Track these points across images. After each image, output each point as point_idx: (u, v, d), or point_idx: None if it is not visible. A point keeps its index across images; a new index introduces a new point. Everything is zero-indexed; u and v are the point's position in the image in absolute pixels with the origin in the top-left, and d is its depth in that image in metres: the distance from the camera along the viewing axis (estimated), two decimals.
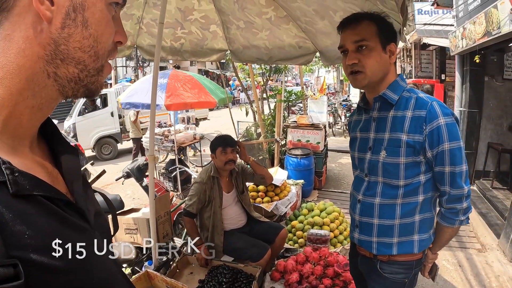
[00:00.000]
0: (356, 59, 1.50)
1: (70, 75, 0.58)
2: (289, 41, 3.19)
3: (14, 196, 0.48)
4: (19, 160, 0.54)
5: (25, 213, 0.49)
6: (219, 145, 2.99)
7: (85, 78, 0.60)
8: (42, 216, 0.51)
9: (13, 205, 0.48)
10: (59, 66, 0.57)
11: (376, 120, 1.63)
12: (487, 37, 5.00)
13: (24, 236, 0.47)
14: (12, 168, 0.50)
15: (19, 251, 0.46)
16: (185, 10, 3.02)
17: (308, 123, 6.56)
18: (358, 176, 1.76)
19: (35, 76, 0.55)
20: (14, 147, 0.56)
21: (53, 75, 0.57)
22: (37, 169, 0.58)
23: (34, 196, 0.51)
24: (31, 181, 0.52)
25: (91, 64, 0.60)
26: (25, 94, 0.55)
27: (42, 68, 0.56)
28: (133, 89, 5.98)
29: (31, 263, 0.46)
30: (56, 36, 0.55)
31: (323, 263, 2.91)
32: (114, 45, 0.64)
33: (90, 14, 0.58)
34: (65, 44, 0.56)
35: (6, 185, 0.48)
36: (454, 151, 1.45)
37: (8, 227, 0.46)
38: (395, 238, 1.60)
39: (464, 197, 1.51)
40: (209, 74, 28.56)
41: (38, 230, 0.49)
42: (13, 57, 0.53)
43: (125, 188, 6.34)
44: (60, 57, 0.56)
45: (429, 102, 1.48)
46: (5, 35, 0.53)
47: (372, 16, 1.54)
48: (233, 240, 2.99)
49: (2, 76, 0.53)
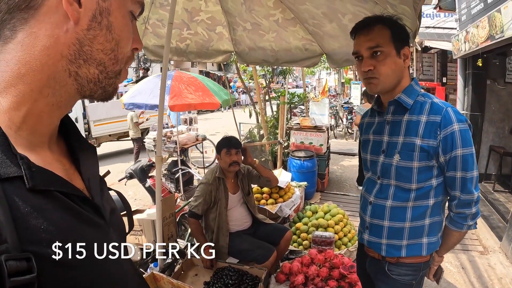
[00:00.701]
0: (372, 65, 1.51)
1: (90, 75, 0.60)
2: (296, 43, 3.19)
3: (30, 190, 0.49)
4: (36, 156, 0.56)
5: (41, 208, 0.50)
6: (223, 146, 2.99)
7: (104, 80, 0.62)
8: (58, 211, 0.52)
9: (29, 199, 0.49)
10: (81, 66, 0.58)
11: (390, 123, 1.63)
12: (490, 41, 5.01)
13: (39, 230, 0.48)
14: (29, 163, 0.51)
15: (33, 245, 0.46)
16: (191, 11, 3.02)
17: (311, 125, 6.56)
18: (370, 178, 1.76)
19: (57, 74, 0.57)
20: (32, 143, 0.57)
21: (74, 74, 0.58)
22: (55, 165, 0.60)
23: (51, 191, 0.53)
24: (48, 177, 0.53)
25: (111, 67, 0.62)
26: (45, 91, 0.56)
27: (65, 67, 0.57)
28: (136, 89, 5.98)
29: (44, 257, 0.47)
30: (82, 37, 0.57)
31: (329, 265, 2.91)
32: (131, 52, 0.67)
33: (114, 19, 0.60)
34: (89, 45, 0.58)
35: (23, 179, 0.49)
36: (467, 157, 1.46)
37: (24, 221, 0.46)
38: (404, 241, 1.61)
39: (474, 203, 1.52)
40: (210, 75, 28.57)
41: (53, 225, 0.50)
42: (37, 55, 0.54)
43: (127, 189, 6.33)
44: (84, 57, 0.58)
45: (444, 108, 1.49)
46: (31, 32, 0.54)
47: (385, 20, 1.54)
48: (239, 241, 2.99)
49: (24, 73, 0.54)
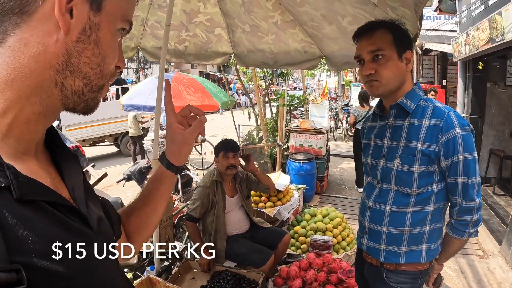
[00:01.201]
0: (373, 69, 1.50)
1: (75, 87, 0.60)
2: (295, 45, 3.17)
3: (18, 201, 0.49)
4: (23, 165, 0.55)
5: (28, 219, 0.49)
6: (221, 149, 2.97)
7: (87, 93, 0.62)
8: (45, 222, 0.52)
9: (16, 210, 0.48)
10: (67, 77, 0.58)
11: (392, 127, 1.62)
12: (491, 44, 5.01)
13: (27, 241, 0.48)
14: (16, 173, 0.50)
15: (22, 256, 0.46)
16: (190, 13, 3.01)
17: (310, 127, 6.54)
18: (369, 183, 1.75)
19: (44, 83, 0.57)
20: (19, 151, 0.57)
21: (60, 85, 0.58)
22: (41, 175, 0.60)
23: (38, 202, 0.52)
24: (35, 187, 0.53)
25: (95, 81, 0.62)
26: (32, 99, 0.56)
27: (52, 77, 0.57)
28: (135, 91, 5.98)
29: (34, 268, 0.47)
30: (70, 48, 0.57)
31: (327, 270, 2.89)
32: (115, 69, 0.68)
33: (103, 35, 0.61)
34: (77, 57, 0.58)
35: (10, 190, 0.49)
36: (469, 162, 1.44)
37: (12, 232, 0.46)
38: (403, 248, 1.58)
39: (475, 209, 1.49)
40: (210, 76, 28.61)
41: (41, 236, 0.50)
42: (27, 61, 0.54)
43: (126, 191, 6.32)
44: (70, 69, 0.58)
45: (446, 112, 1.47)
46: (22, 37, 0.53)
47: (387, 24, 1.53)
48: (236, 245, 2.96)
49: (12, 79, 0.53)
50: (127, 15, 0.66)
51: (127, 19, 0.66)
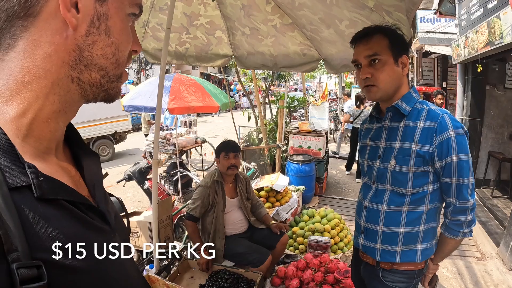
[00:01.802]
0: (369, 73, 1.54)
1: (92, 80, 0.60)
2: (294, 48, 3.21)
3: (38, 199, 0.50)
4: (44, 164, 0.56)
5: (48, 217, 0.50)
6: (222, 150, 3.02)
7: (106, 84, 0.63)
8: (65, 220, 0.53)
9: (37, 208, 0.49)
10: (83, 72, 0.59)
11: (388, 129, 1.66)
12: (489, 47, 5.03)
13: (48, 238, 0.49)
14: (37, 173, 0.51)
15: (42, 253, 0.47)
16: (191, 15, 3.05)
17: (310, 129, 6.57)
18: (366, 183, 1.79)
19: (60, 81, 0.57)
20: (39, 151, 0.57)
21: (77, 80, 0.59)
22: (61, 173, 0.60)
23: (58, 200, 0.53)
24: (55, 186, 0.54)
25: (112, 71, 0.63)
26: (51, 98, 0.57)
27: (67, 73, 0.58)
28: (136, 92, 5.99)
29: (53, 265, 0.48)
30: (81, 43, 0.57)
31: (324, 270, 2.92)
32: (130, 54, 0.67)
33: (113, 23, 0.60)
34: (89, 50, 0.58)
35: (31, 189, 0.50)
36: (462, 163, 1.48)
37: (33, 230, 0.47)
38: (399, 247, 1.62)
39: (469, 210, 1.53)
40: (211, 78, 28.63)
41: (61, 233, 0.51)
42: (40, 62, 0.55)
43: (126, 191, 6.36)
44: (84, 63, 0.58)
45: (440, 114, 1.51)
46: (31, 40, 0.54)
47: (384, 30, 1.57)
48: (234, 245, 3.00)
49: (28, 80, 0.54)
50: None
51: (136, 3, 0.65)
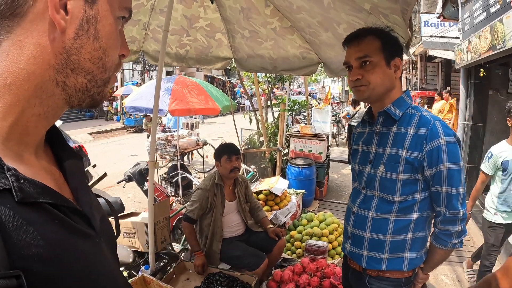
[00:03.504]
0: (360, 75, 1.52)
1: (78, 85, 0.59)
2: (293, 51, 3.21)
3: (19, 203, 0.47)
4: (25, 167, 0.54)
5: (30, 221, 0.48)
6: (224, 153, 3.02)
7: (92, 89, 0.61)
8: (48, 224, 0.51)
9: (18, 213, 0.47)
10: (69, 76, 0.57)
11: (379, 134, 1.64)
12: (492, 51, 5.01)
13: (29, 245, 0.46)
14: (17, 175, 0.49)
15: (23, 261, 0.45)
16: (191, 18, 3.06)
17: (311, 133, 6.57)
18: (356, 188, 1.77)
19: (44, 84, 0.56)
20: (20, 154, 0.56)
21: (62, 84, 0.57)
22: (43, 176, 0.58)
23: (40, 204, 0.51)
24: (37, 188, 0.51)
25: (99, 75, 0.61)
26: (32, 101, 0.55)
27: (52, 77, 0.56)
28: (138, 93, 6.03)
29: (35, 273, 0.46)
30: (69, 46, 0.56)
31: (320, 275, 2.90)
32: (119, 59, 0.66)
33: (102, 26, 0.59)
34: (77, 54, 0.57)
35: (11, 192, 0.47)
36: (453, 172, 1.45)
37: (13, 237, 0.45)
38: (385, 254, 1.59)
39: (459, 220, 1.49)
40: (215, 80, 28.70)
41: (44, 239, 0.48)
42: (24, 64, 0.53)
43: (126, 191, 6.37)
44: (71, 67, 0.57)
45: (432, 121, 1.48)
46: (16, 41, 0.53)
47: (376, 31, 1.55)
48: (231, 248, 3.00)
49: (10, 83, 0.53)
50: (125, 2, 0.64)
51: (126, 7, 0.64)
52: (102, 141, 14.00)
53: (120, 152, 11.27)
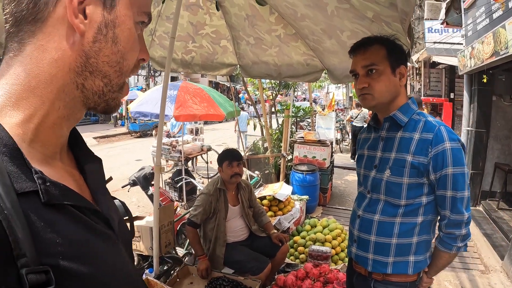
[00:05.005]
0: (366, 83, 1.56)
1: (96, 88, 0.60)
2: (298, 58, 3.24)
3: (45, 205, 0.50)
4: (49, 169, 0.56)
5: (55, 222, 0.50)
6: (225, 159, 3.05)
7: (108, 93, 0.63)
8: (72, 225, 0.53)
9: (44, 214, 0.49)
10: (87, 79, 0.59)
11: (384, 139, 1.67)
12: (495, 57, 5.02)
13: (55, 243, 0.49)
14: (44, 178, 0.51)
15: (50, 258, 0.47)
16: (196, 25, 3.10)
17: (315, 139, 6.59)
18: (361, 193, 1.80)
19: (66, 87, 0.57)
20: (45, 155, 0.57)
21: (81, 86, 0.59)
22: (66, 178, 0.60)
23: (64, 205, 0.53)
24: (62, 191, 0.53)
25: (115, 80, 0.62)
26: (56, 104, 0.57)
27: (73, 79, 0.58)
28: (143, 98, 6.09)
29: (60, 270, 0.48)
30: (88, 49, 0.57)
31: (323, 280, 2.91)
32: (137, 62, 0.67)
33: (120, 31, 0.60)
34: (95, 57, 0.58)
35: (38, 194, 0.49)
36: (457, 176, 1.47)
37: (40, 235, 0.47)
38: (390, 258, 1.61)
39: (464, 223, 1.52)
40: (219, 86, 28.81)
41: (68, 238, 0.51)
42: (46, 67, 0.55)
43: (131, 196, 6.41)
44: (90, 70, 0.59)
45: (437, 126, 1.51)
46: (39, 45, 0.55)
47: (382, 40, 1.59)
48: (235, 252, 3.02)
49: (35, 86, 0.55)
50: (144, 7, 0.64)
51: (145, 11, 0.65)
52: (106, 146, 14.07)
53: (124, 157, 11.32)
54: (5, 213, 0.43)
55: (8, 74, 0.55)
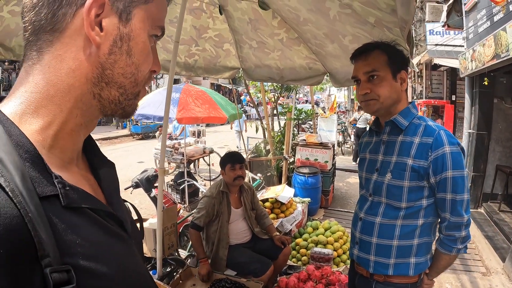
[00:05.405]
0: (368, 89, 1.59)
1: (112, 97, 0.63)
2: (300, 62, 3.26)
3: (65, 208, 0.53)
4: (68, 174, 0.58)
5: (75, 224, 0.53)
6: (228, 161, 3.08)
7: (124, 101, 0.65)
8: (90, 227, 0.56)
9: (65, 216, 0.52)
10: (103, 89, 0.61)
11: (386, 143, 1.70)
12: (496, 60, 5.04)
13: (75, 244, 0.51)
14: (63, 182, 0.54)
15: (71, 258, 0.50)
16: (200, 28, 3.13)
17: (317, 142, 6.60)
18: (363, 196, 1.82)
19: (84, 96, 0.60)
20: (63, 161, 0.60)
21: (98, 96, 0.61)
22: (83, 182, 0.63)
23: (82, 208, 0.56)
24: (80, 194, 0.57)
25: (130, 89, 0.65)
26: (74, 112, 0.60)
27: (90, 89, 0.60)
28: (146, 101, 6.11)
29: (80, 269, 0.51)
30: (103, 61, 0.60)
31: (325, 282, 2.93)
32: (150, 73, 0.69)
33: (135, 44, 0.62)
34: (111, 69, 0.61)
35: (59, 198, 0.52)
36: (457, 179, 1.50)
37: (62, 237, 0.50)
38: (392, 259, 1.63)
39: (464, 226, 1.54)
40: (221, 88, 28.83)
41: (87, 240, 0.53)
42: (64, 77, 0.57)
43: (133, 198, 6.41)
44: (105, 81, 0.61)
45: (437, 130, 1.54)
46: (57, 54, 0.57)
47: (382, 46, 1.62)
48: (237, 254, 3.03)
49: (53, 94, 0.57)
50: (158, 21, 0.66)
51: (159, 25, 0.66)
52: (108, 148, 14.06)
53: (126, 159, 11.33)
54: (30, 216, 0.46)
55: (28, 82, 0.57)
